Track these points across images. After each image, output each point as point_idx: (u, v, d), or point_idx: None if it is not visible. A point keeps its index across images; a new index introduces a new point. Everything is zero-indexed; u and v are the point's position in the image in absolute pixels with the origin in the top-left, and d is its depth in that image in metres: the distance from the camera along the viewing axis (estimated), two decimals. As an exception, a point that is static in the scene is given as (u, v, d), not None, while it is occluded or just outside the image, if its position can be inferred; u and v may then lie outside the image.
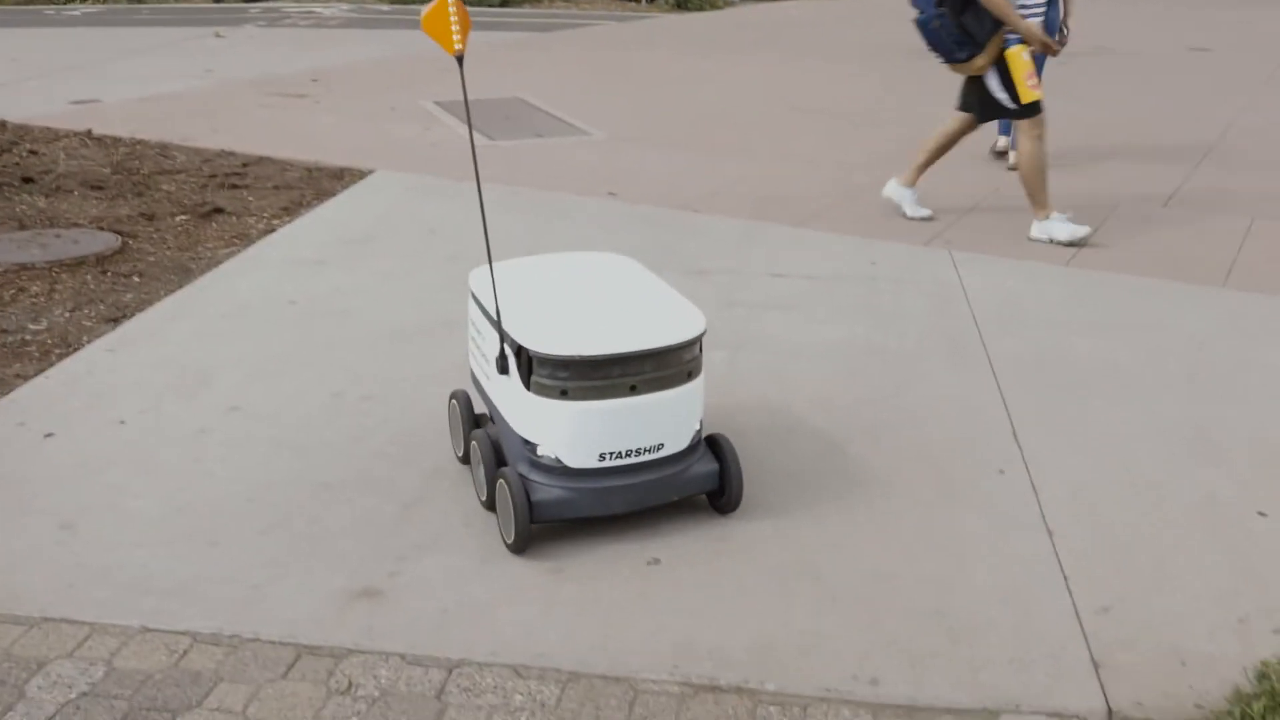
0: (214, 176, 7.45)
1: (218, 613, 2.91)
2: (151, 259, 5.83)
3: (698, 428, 3.25)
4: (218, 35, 15.61)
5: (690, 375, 3.17)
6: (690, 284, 5.42)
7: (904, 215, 6.58)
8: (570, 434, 3.10)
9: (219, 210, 6.68)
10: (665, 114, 10.03)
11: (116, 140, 8.44)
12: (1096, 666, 2.74)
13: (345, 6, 19.80)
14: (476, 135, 8.17)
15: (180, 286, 5.39)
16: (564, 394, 3.05)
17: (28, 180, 7.28)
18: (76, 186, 7.17)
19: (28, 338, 4.75)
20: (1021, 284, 5.55)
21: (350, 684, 2.66)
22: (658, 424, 3.14)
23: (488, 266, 3.31)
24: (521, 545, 3.12)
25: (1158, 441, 3.91)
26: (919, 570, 3.12)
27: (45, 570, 3.09)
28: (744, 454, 3.45)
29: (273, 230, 6.33)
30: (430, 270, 5.62)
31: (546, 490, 3.12)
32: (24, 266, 5.62)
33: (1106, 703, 2.61)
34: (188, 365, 4.46)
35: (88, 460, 3.70)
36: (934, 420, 4.05)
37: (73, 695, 2.61)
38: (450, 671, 2.68)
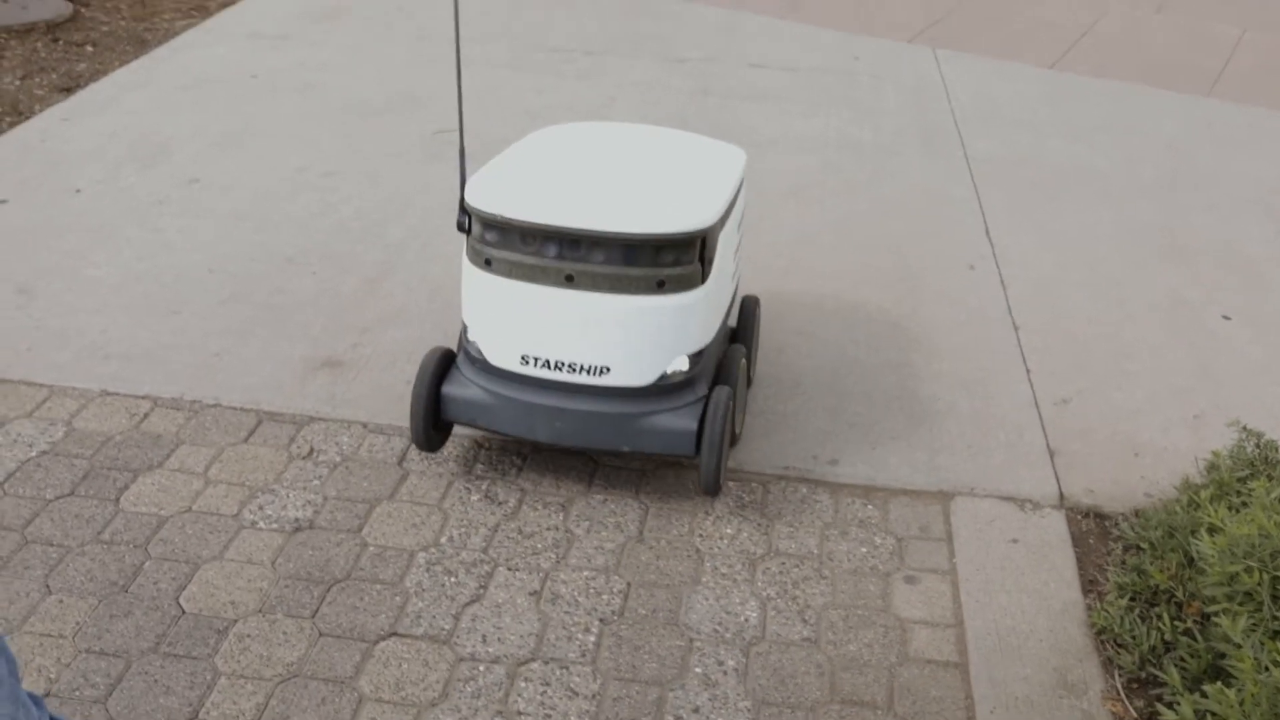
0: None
1: (179, 378, 2.89)
2: (105, 28, 5.60)
3: (670, 366, 2.46)
4: None
5: (660, 286, 2.37)
6: (666, 72, 5.27)
7: None
8: (487, 317, 2.48)
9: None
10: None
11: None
12: (1052, 454, 2.78)
13: None
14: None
15: (135, 57, 5.19)
16: (488, 264, 2.42)
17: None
18: (25, -51, 6.82)
19: (-23, 103, 4.58)
20: (1004, 84, 5.43)
21: (311, 449, 2.66)
22: (601, 338, 2.40)
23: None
24: (423, 441, 2.56)
25: (1127, 244, 3.89)
26: (884, 357, 3.13)
27: (2, 334, 3.04)
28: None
29: (232, 2, 6.07)
30: (397, 47, 5.42)
31: (462, 385, 2.53)
32: (-28, 30, 5.38)
33: (1059, 488, 2.66)
34: (145, 136, 4.32)
35: (44, 227, 3.61)
36: (906, 214, 4.01)
37: (33, 454, 2.60)
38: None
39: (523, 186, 2.44)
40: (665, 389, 2.46)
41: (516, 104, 4.78)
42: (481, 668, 2.12)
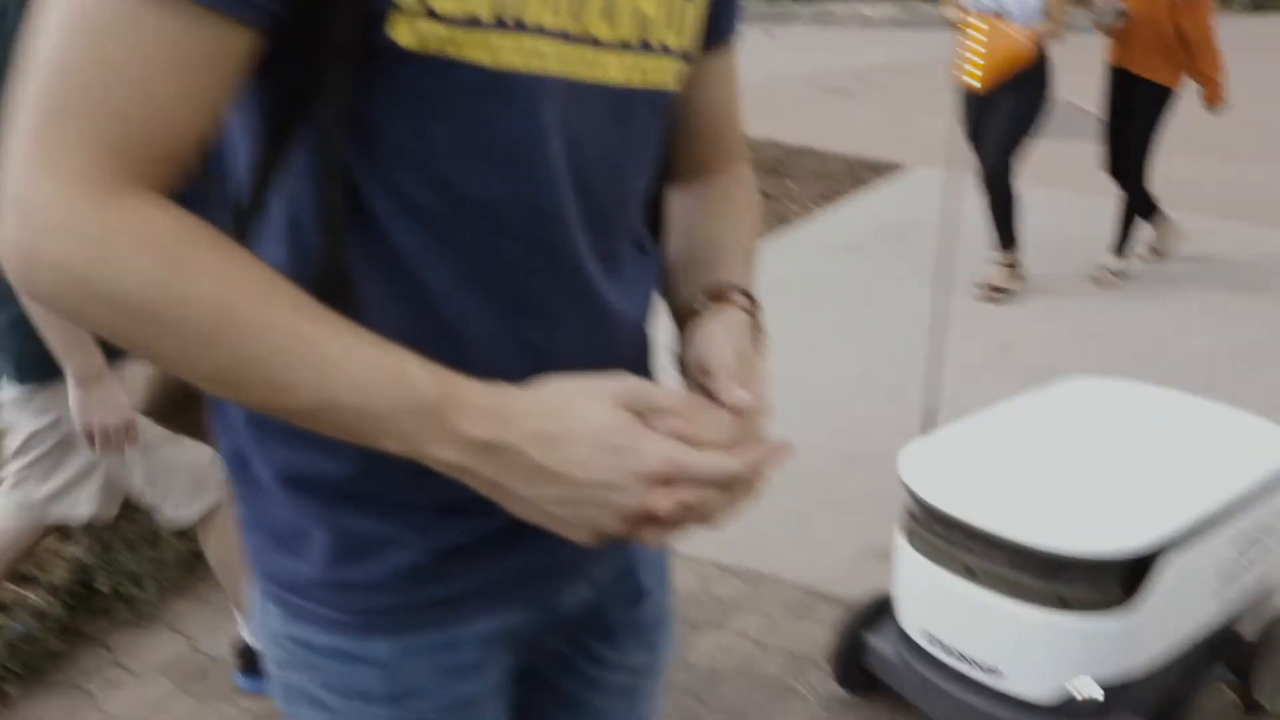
0: (758, 163, 7.89)
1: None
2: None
3: (1075, 688, 2.16)
4: (767, 33, 16.39)
5: (1065, 605, 2.13)
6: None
7: None
8: (902, 587, 2.42)
9: (762, 194, 7.07)
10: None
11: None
12: None
13: (891, 7, 20.06)
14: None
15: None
16: (909, 535, 2.36)
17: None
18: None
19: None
20: None
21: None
22: (995, 638, 2.24)
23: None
24: (839, 674, 2.57)
25: None
26: None
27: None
28: None
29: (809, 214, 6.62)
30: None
31: (882, 640, 2.47)
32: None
33: None
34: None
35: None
36: None
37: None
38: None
39: (954, 466, 2.37)
40: (1071, 712, 2.16)
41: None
42: None
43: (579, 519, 0.84)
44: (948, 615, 2.30)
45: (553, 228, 0.89)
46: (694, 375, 0.97)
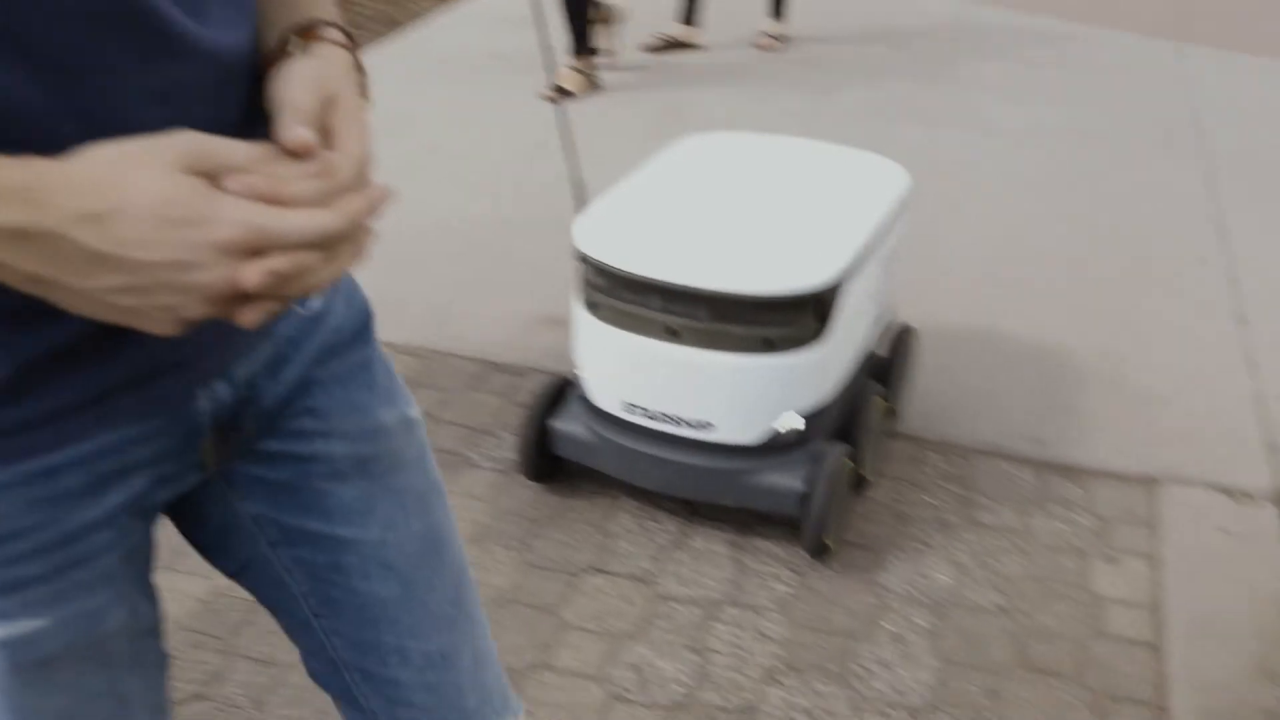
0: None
1: (414, 327, 3.12)
2: (363, 10, 6.00)
3: (780, 424, 2.29)
4: None
5: (769, 346, 2.22)
6: (896, 58, 5.27)
7: None
8: (591, 361, 2.41)
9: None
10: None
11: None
12: (1271, 450, 2.70)
13: None
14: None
15: (387, 36, 5.54)
16: (593, 308, 2.34)
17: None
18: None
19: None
20: (1250, 80, 5.21)
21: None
22: (704, 394, 2.28)
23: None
24: (531, 472, 2.53)
25: (1377, 244, 3.70)
26: (1100, 345, 3.09)
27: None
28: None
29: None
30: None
31: (570, 422, 2.46)
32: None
33: (1277, 483, 2.59)
34: (390, 109, 4.63)
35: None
36: (1136, 207, 3.91)
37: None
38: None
39: (631, 230, 2.34)
40: (775, 446, 2.31)
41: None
42: (679, 607, 2.24)
43: (154, 308, 0.72)
44: (651, 380, 2.30)
45: None
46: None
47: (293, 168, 0.76)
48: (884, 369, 2.68)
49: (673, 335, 2.23)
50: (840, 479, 2.33)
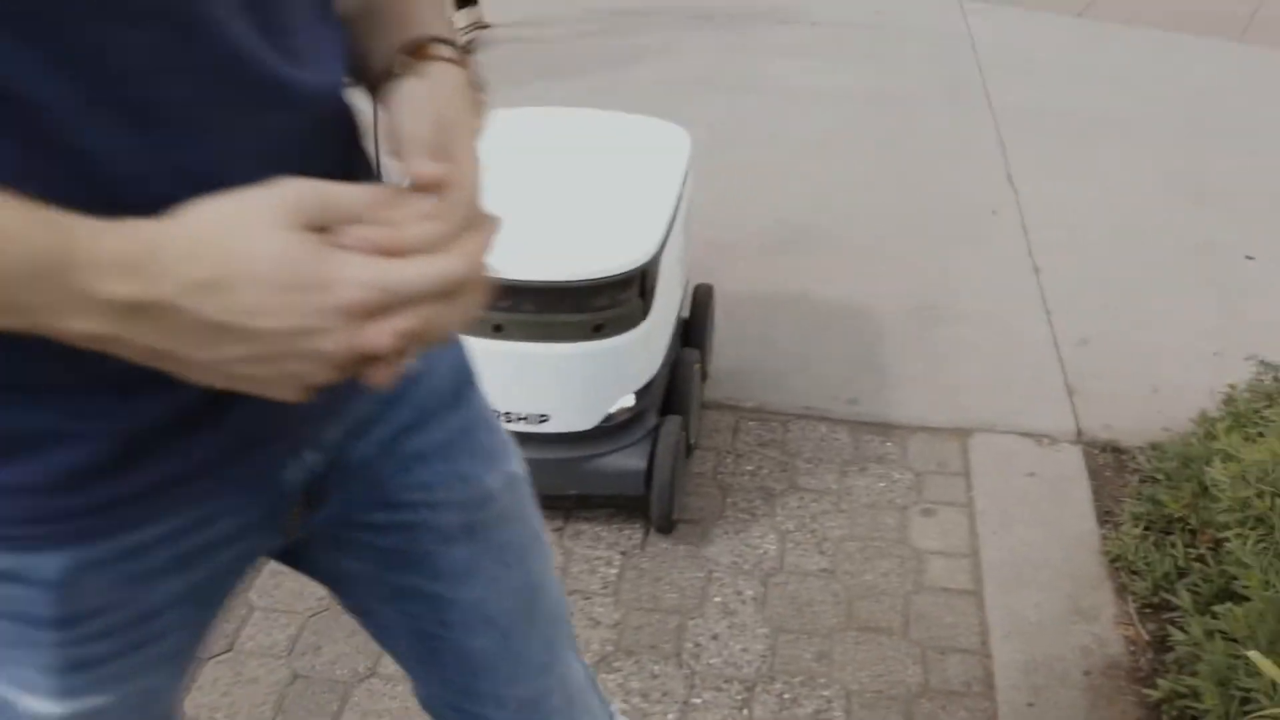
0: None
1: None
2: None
3: (614, 406, 2.25)
4: None
5: (599, 331, 2.14)
6: (692, 29, 5.29)
7: None
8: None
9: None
10: None
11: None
12: (1070, 392, 2.80)
13: None
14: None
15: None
16: None
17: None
18: None
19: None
20: (1031, 33, 5.41)
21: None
22: (536, 387, 2.21)
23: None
24: None
25: (1155, 190, 3.88)
26: (903, 301, 3.16)
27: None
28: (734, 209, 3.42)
29: None
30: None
31: None
32: None
33: (1077, 424, 2.69)
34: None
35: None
36: (930, 163, 4.01)
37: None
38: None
39: None
40: (611, 429, 2.26)
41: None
42: (506, 598, 2.19)
43: (280, 375, 0.67)
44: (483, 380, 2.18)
45: (189, 4, 0.67)
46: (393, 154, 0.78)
47: (406, 209, 0.71)
48: (689, 330, 2.66)
49: (498, 331, 2.12)
50: (681, 451, 2.32)
